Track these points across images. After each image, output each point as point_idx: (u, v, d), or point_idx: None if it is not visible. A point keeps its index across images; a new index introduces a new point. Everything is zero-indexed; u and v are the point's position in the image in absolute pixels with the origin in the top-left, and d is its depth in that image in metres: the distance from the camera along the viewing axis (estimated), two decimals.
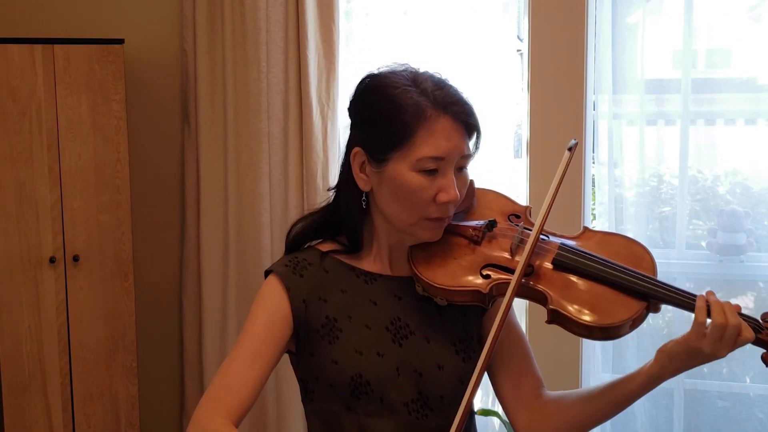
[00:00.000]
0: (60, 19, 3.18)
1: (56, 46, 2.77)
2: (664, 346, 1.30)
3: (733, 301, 1.31)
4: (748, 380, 2.94)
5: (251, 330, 1.39)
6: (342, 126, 3.06)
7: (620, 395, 1.36)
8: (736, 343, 1.27)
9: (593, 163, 2.97)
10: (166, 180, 3.20)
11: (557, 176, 1.39)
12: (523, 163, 2.97)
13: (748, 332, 1.27)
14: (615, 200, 2.91)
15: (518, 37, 3.06)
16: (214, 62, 3.00)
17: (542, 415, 1.43)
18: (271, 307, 1.40)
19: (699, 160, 2.92)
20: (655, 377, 1.31)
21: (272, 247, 3.03)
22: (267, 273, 1.44)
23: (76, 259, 2.83)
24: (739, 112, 2.94)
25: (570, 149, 1.42)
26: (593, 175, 2.98)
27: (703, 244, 2.92)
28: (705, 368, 2.93)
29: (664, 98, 2.92)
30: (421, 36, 3.02)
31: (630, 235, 2.94)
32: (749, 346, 1.31)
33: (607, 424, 3.00)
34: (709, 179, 2.94)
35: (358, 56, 3.10)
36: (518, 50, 3.05)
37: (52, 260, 2.80)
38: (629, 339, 2.83)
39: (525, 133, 2.95)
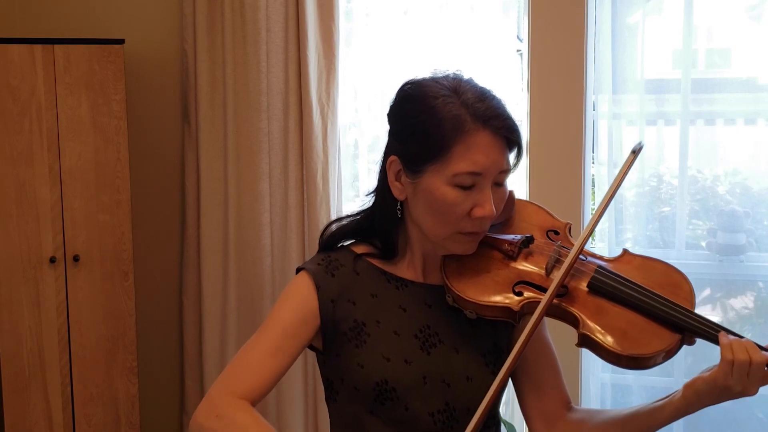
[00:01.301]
0: (60, 19, 3.18)
1: (56, 46, 2.77)
2: (692, 383, 1.28)
3: (733, 302, 1.30)
4: None
5: (276, 322, 1.37)
6: (342, 126, 3.06)
7: (645, 426, 1.34)
8: (765, 378, 1.23)
9: (593, 163, 2.97)
10: (166, 180, 3.20)
11: (613, 185, 1.34)
12: (522, 163, 2.96)
13: None
14: (615, 200, 2.91)
15: (518, 37, 3.06)
16: (214, 62, 3.00)
17: None
18: (299, 304, 1.38)
19: (699, 160, 2.92)
20: (682, 411, 1.30)
21: (272, 247, 3.03)
22: (298, 270, 1.43)
23: (76, 258, 2.83)
24: (739, 112, 2.94)
25: (634, 152, 1.37)
26: (593, 175, 2.98)
27: (703, 244, 2.92)
28: (705, 368, 2.93)
29: (664, 98, 2.92)
30: (421, 36, 3.02)
31: (630, 235, 2.95)
32: None
33: None
34: (708, 179, 2.94)
35: (358, 56, 3.10)
36: (518, 50, 3.05)
37: (52, 260, 2.80)
38: None
39: (525, 133, 2.95)
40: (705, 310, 2.95)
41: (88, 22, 3.16)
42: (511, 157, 1.33)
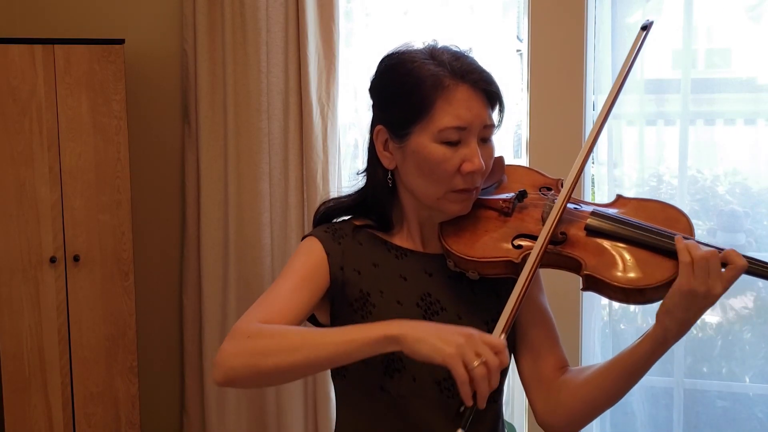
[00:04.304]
0: (60, 19, 3.18)
1: (56, 46, 2.78)
2: (661, 305, 1.26)
3: (733, 301, 1.29)
4: (747, 380, 2.94)
5: (292, 270, 1.36)
6: (342, 126, 3.06)
7: (630, 366, 1.32)
8: (725, 273, 1.22)
9: (593, 163, 2.97)
10: (166, 180, 3.20)
11: (628, 61, 1.36)
12: (522, 164, 2.97)
13: (739, 259, 1.23)
14: None
15: (518, 37, 3.06)
16: (214, 62, 3.00)
17: (558, 396, 1.40)
18: (312, 259, 1.38)
19: (698, 160, 2.92)
20: (660, 339, 1.27)
21: (272, 247, 3.03)
22: (304, 238, 1.44)
23: (76, 258, 2.83)
24: (739, 112, 2.94)
25: (644, 28, 1.39)
26: (593, 175, 2.98)
27: None
28: (705, 368, 2.93)
29: (663, 98, 2.92)
30: (421, 36, 3.01)
31: None
32: (748, 347, 1.29)
33: (607, 423, 3.00)
34: (708, 179, 2.94)
35: (358, 56, 3.11)
36: (518, 50, 3.05)
37: (52, 260, 2.81)
38: (631, 337, 2.84)
39: (525, 133, 2.96)
40: None
41: (88, 22, 3.16)
42: (494, 114, 1.37)
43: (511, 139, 3.08)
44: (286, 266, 1.40)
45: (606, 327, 2.96)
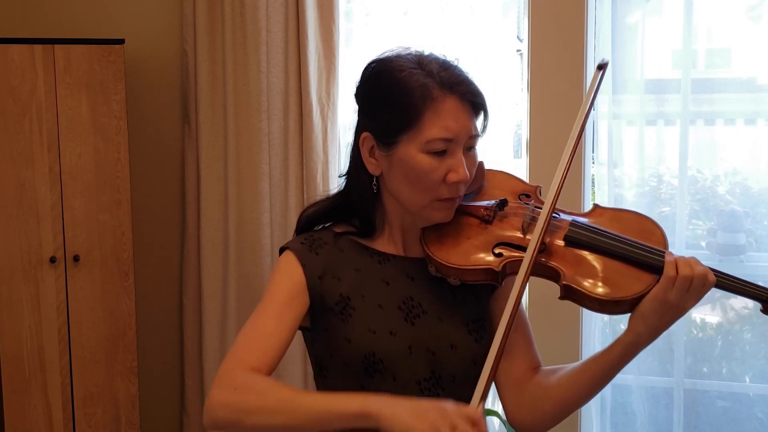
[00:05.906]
0: (60, 19, 3.18)
1: (56, 46, 2.78)
2: (634, 311, 1.32)
3: (733, 302, 1.31)
4: (747, 380, 2.94)
5: (271, 298, 1.39)
6: (342, 126, 3.06)
7: (602, 369, 1.35)
8: (701, 292, 1.29)
9: (593, 163, 2.97)
10: (166, 180, 3.20)
11: (585, 105, 1.42)
12: (522, 163, 2.97)
13: (713, 277, 1.30)
14: (615, 200, 2.91)
15: (518, 37, 3.06)
16: (214, 62, 3.00)
17: (529, 396, 1.43)
18: (289, 280, 1.41)
19: (699, 160, 2.92)
20: (632, 344, 1.32)
21: (272, 247, 3.03)
22: (282, 250, 1.46)
23: (76, 258, 2.83)
24: (739, 112, 2.94)
25: (600, 67, 1.45)
26: (593, 175, 2.98)
27: (703, 244, 2.92)
28: (705, 368, 2.93)
29: (663, 98, 2.92)
30: (421, 36, 3.03)
31: None
32: (748, 347, 1.31)
33: (607, 423, 3.00)
34: (708, 179, 2.94)
35: (358, 56, 3.11)
36: (518, 50, 3.06)
37: (52, 260, 2.81)
38: None
39: (525, 133, 2.96)
40: (705, 310, 2.95)
41: (88, 22, 3.16)
42: (479, 122, 1.39)
43: (511, 139, 3.08)
44: (266, 289, 1.42)
45: (606, 327, 2.96)
